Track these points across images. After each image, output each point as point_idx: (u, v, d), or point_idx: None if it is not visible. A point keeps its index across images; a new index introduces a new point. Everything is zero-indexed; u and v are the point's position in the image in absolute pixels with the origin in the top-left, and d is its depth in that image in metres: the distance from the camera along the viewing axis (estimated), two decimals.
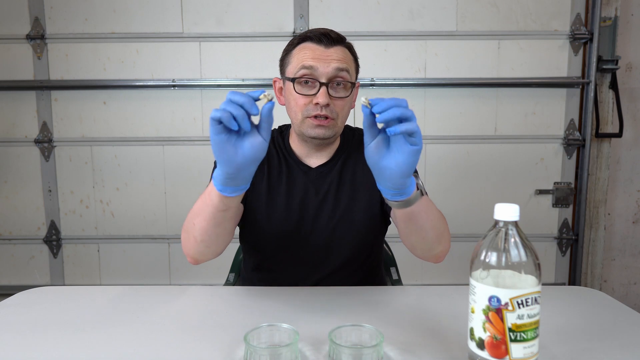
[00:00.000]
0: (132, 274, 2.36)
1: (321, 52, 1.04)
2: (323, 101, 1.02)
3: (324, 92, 1.02)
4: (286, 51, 1.10)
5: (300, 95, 1.04)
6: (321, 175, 1.13)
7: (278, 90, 1.13)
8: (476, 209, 2.31)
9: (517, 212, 0.65)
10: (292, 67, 1.06)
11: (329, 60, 1.03)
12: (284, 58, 1.11)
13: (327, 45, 1.04)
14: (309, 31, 1.07)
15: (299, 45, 1.07)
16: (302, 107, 1.05)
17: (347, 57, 1.07)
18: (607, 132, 2.29)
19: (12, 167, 2.32)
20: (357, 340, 0.75)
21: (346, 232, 1.11)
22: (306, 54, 1.04)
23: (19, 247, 2.37)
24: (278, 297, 1.00)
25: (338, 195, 1.12)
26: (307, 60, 1.03)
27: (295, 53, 1.07)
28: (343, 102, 1.06)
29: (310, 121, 1.05)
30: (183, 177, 2.30)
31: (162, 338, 0.82)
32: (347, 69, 1.04)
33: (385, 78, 2.22)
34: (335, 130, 1.07)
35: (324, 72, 1.02)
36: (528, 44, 2.24)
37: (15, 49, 2.24)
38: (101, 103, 2.27)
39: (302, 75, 1.03)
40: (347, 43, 1.09)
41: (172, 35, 2.23)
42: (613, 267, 2.45)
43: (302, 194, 1.11)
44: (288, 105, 1.10)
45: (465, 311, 0.71)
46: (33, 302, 0.98)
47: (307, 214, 1.11)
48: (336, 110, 1.05)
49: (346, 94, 1.06)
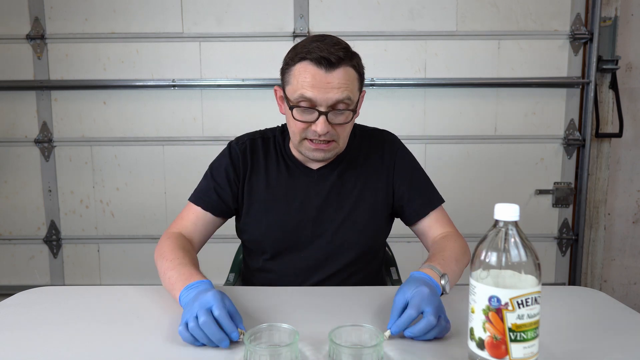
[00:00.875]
0: (132, 274, 2.36)
1: (321, 78, 0.97)
2: (322, 130, 0.99)
3: (322, 121, 0.98)
4: (287, 64, 1.03)
5: (299, 121, 1.01)
6: (323, 177, 1.12)
7: (279, 98, 1.10)
8: (476, 209, 2.30)
9: (517, 212, 0.65)
10: (292, 89, 1.00)
11: (328, 88, 0.97)
12: (284, 71, 1.04)
13: (328, 69, 0.97)
14: (310, 48, 0.98)
15: (299, 64, 0.99)
16: (301, 131, 1.02)
17: (349, 80, 0.99)
18: (607, 132, 2.29)
19: (12, 167, 2.32)
20: (357, 340, 0.75)
21: (349, 234, 1.11)
22: (306, 80, 0.97)
23: (19, 247, 2.37)
24: (278, 297, 1.00)
25: (340, 197, 1.11)
26: (306, 90, 0.97)
27: (295, 73, 1.00)
28: (343, 127, 1.03)
29: (308, 144, 1.03)
30: (183, 177, 2.30)
31: (162, 338, 0.82)
32: (348, 96, 0.98)
33: (385, 78, 2.22)
34: (335, 151, 1.06)
35: (323, 101, 0.98)
36: (528, 44, 2.24)
37: (15, 49, 2.24)
38: (101, 103, 2.27)
39: (300, 102, 0.99)
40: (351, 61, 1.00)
41: (172, 35, 2.22)
42: (613, 267, 2.45)
43: (303, 196, 1.11)
44: (288, 122, 1.07)
45: (465, 311, 0.71)
46: (33, 302, 0.98)
47: (309, 216, 1.10)
48: (337, 134, 1.02)
49: (346, 120, 1.02)
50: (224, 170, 1.13)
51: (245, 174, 1.13)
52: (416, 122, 2.28)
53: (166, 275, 0.95)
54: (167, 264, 0.97)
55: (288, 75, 1.02)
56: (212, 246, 1.25)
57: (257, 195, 1.12)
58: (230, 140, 1.18)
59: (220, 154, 1.17)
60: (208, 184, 1.13)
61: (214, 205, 1.12)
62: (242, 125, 2.25)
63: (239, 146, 1.15)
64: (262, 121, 2.21)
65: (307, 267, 1.12)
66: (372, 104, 2.23)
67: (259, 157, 1.14)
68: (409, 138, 2.01)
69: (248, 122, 2.25)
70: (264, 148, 1.15)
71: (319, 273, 1.12)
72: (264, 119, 2.23)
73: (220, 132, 2.27)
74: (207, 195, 1.12)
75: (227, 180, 1.12)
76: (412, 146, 1.27)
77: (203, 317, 0.76)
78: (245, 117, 2.26)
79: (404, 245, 2.39)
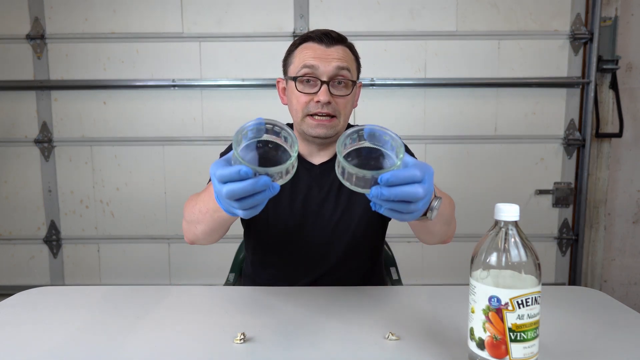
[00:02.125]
0: (132, 274, 2.36)
1: (322, 52, 1.06)
2: (324, 99, 1.03)
3: (325, 89, 1.04)
4: (289, 51, 1.13)
5: (302, 93, 1.06)
6: (324, 173, 1.14)
7: (281, 90, 1.16)
8: (476, 209, 2.31)
9: (517, 212, 0.65)
10: (294, 66, 1.08)
11: (329, 59, 1.05)
12: (286, 58, 1.13)
13: (328, 44, 1.06)
14: (310, 32, 1.10)
15: (300, 46, 1.09)
16: (304, 105, 1.06)
17: (348, 56, 1.09)
18: (607, 132, 2.29)
19: (12, 167, 2.32)
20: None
21: (346, 228, 1.12)
22: (307, 53, 1.06)
23: (19, 247, 2.37)
24: (278, 296, 1.00)
25: (339, 193, 1.13)
26: (308, 60, 1.05)
27: (297, 53, 1.09)
28: (345, 100, 1.07)
29: (310, 120, 1.07)
30: (183, 177, 2.30)
31: (162, 338, 0.82)
32: (348, 67, 1.06)
33: (385, 78, 2.22)
34: (337, 129, 1.08)
35: (325, 71, 1.04)
36: (528, 44, 2.24)
37: (15, 49, 2.24)
38: (101, 103, 2.27)
39: (303, 74, 1.05)
40: (348, 43, 1.11)
41: (172, 35, 2.23)
42: (613, 267, 2.45)
43: (305, 191, 1.13)
44: (290, 104, 1.11)
45: (465, 311, 0.71)
46: (33, 302, 0.98)
47: (310, 210, 1.12)
48: (338, 108, 1.06)
49: (347, 92, 1.07)
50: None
51: None
52: (416, 122, 2.28)
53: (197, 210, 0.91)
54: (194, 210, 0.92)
55: (290, 58, 1.11)
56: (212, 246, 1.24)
57: None
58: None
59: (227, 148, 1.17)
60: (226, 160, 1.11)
61: None
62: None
63: None
64: None
65: (307, 261, 1.13)
66: (372, 104, 2.24)
67: None
68: (409, 138, 2.01)
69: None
70: None
71: (317, 268, 1.13)
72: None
73: (220, 132, 2.27)
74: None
75: None
76: (412, 146, 1.27)
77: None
78: (245, 117, 2.26)
79: (404, 245, 2.39)
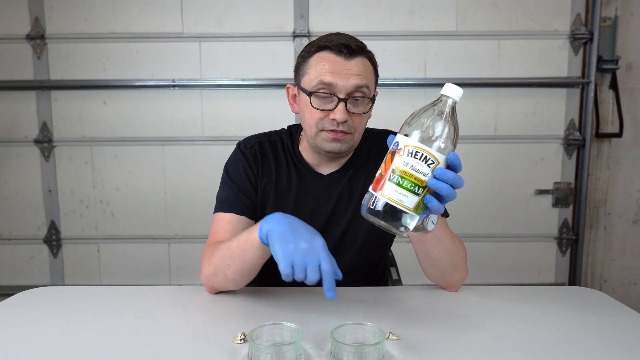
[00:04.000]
0: (132, 274, 2.36)
1: (341, 65, 0.97)
2: (341, 118, 0.97)
3: (342, 108, 0.97)
4: (302, 57, 1.03)
5: (317, 109, 0.99)
6: (333, 183, 1.10)
7: (291, 97, 1.09)
8: (476, 209, 2.31)
9: (459, 93, 0.73)
10: (309, 78, 1.00)
11: (348, 74, 0.97)
12: (299, 65, 1.04)
13: (347, 57, 0.98)
14: (327, 39, 1.00)
15: (316, 54, 1.00)
16: (318, 121, 1.00)
17: (368, 70, 1.01)
18: (607, 132, 2.29)
19: (12, 167, 2.32)
20: (359, 339, 0.75)
21: (354, 240, 1.10)
22: (325, 66, 0.98)
23: (19, 247, 2.37)
24: (279, 296, 1.00)
25: (349, 203, 1.09)
26: (325, 76, 0.97)
27: (312, 63, 1.00)
28: (361, 118, 1.02)
29: (325, 134, 1.00)
30: (183, 177, 2.29)
31: (162, 338, 0.82)
32: (367, 84, 0.99)
33: (386, 78, 2.21)
34: (351, 144, 1.03)
35: (343, 88, 0.97)
36: (528, 44, 2.24)
37: (15, 49, 2.24)
38: (101, 103, 2.27)
39: (319, 89, 0.98)
40: (369, 53, 1.03)
41: (172, 35, 2.23)
42: (613, 267, 2.45)
43: (313, 202, 1.09)
44: (302, 115, 1.04)
45: (465, 311, 0.71)
46: (33, 302, 0.98)
47: (318, 221, 1.08)
48: (354, 125, 1.01)
49: (365, 109, 1.01)
50: (244, 172, 1.09)
51: (257, 177, 1.09)
52: None
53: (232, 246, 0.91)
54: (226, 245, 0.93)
55: (305, 66, 1.02)
56: None
57: (267, 201, 1.09)
58: (237, 142, 1.14)
59: (234, 158, 1.12)
60: (233, 189, 1.08)
61: (246, 208, 1.07)
62: (242, 125, 2.27)
63: (248, 150, 1.11)
64: (262, 121, 2.23)
65: None
66: None
67: (269, 161, 1.10)
68: None
69: (248, 122, 2.26)
70: (272, 151, 1.11)
71: None
72: (264, 118, 2.25)
73: (220, 132, 2.27)
74: (237, 199, 1.07)
75: (248, 181, 1.08)
76: None
77: (326, 264, 0.76)
78: (245, 117, 2.26)
79: (404, 245, 2.39)
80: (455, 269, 1.00)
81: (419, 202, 0.72)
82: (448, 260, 0.97)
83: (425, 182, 0.71)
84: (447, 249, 0.96)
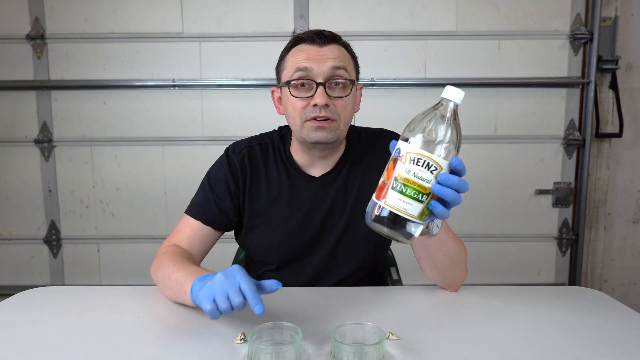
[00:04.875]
0: (132, 274, 2.36)
1: (315, 52, 0.99)
2: (321, 101, 0.96)
3: (321, 92, 0.97)
4: (281, 57, 1.06)
5: (297, 98, 0.99)
6: (326, 185, 1.08)
7: (277, 100, 1.09)
8: (476, 209, 2.31)
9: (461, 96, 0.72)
10: (287, 71, 1.01)
11: (323, 59, 0.98)
12: (279, 65, 1.06)
13: (321, 44, 1.00)
14: (301, 33, 1.03)
15: (292, 49, 1.02)
16: (301, 111, 0.99)
17: (344, 55, 1.02)
18: (607, 132, 2.29)
19: (12, 167, 2.32)
20: (359, 339, 0.76)
21: (352, 243, 1.08)
22: (300, 55, 1.00)
23: (19, 247, 2.37)
24: (279, 296, 1.00)
25: (344, 206, 1.07)
26: (301, 62, 0.98)
27: (289, 57, 1.02)
28: (344, 102, 1.00)
29: (309, 124, 0.99)
30: (183, 177, 2.30)
31: (162, 338, 0.82)
32: (344, 66, 0.99)
33: (385, 78, 2.22)
34: (337, 133, 1.00)
35: (319, 72, 0.98)
36: (528, 44, 2.24)
37: (15, 49, 2.24)
38: (101, 103, 2.27)
39: (297, 77, 0.98)
40: (343, 41, 1.04)
41: (172, 35, 2.23)
42: (613, 267, 2.45)
43: (307, 206, 1.07)
44: (287, 112, 1.04)
45: (465, 311, 0.71)
46: (33, 302, 0.98)
47: (313, 226, 1.07)
48: (337, 111, 0.99)
49: (345, 92, 1.00)
50: (224, 180, 1.07)
51: (245, 184, 1.07)
52: None
53: (171, 278, 0.90)
54: (169, 269, 0.92)
55: (283, 63, 1.05)
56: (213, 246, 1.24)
57: (258, 207, 1.07)
58: (226, 147, 1.12)
59: (218, 163, 1.10)
60: (207, 196, 1.07)
61: (214, 219, 1.06)
62: (242, 125, 2.27)
63: (235, 155, 1.08)
64: (262, 121, 2.23)
65: (310, 278, 1.09)
66: (372, 104, 2.24)
67: (259, 165, 1.08)
68: None
69: (248, 122, 2.26)
70: (263, 155, 1.09)
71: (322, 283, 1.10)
72: (264, 118, 2.25)
73: (220, 132, 2.27)
74: (207, 208, 1.06)
75: (227, 191, 1.06)
76: None
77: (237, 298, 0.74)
78: (245, 117, 2.26)
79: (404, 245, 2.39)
80: (457, 270, 1.00)
81: (424, 209, 0.71)
82: (450, 262, 0.98)
83: (428, 189, 0.69)
84: (450, 251, 0.97)
